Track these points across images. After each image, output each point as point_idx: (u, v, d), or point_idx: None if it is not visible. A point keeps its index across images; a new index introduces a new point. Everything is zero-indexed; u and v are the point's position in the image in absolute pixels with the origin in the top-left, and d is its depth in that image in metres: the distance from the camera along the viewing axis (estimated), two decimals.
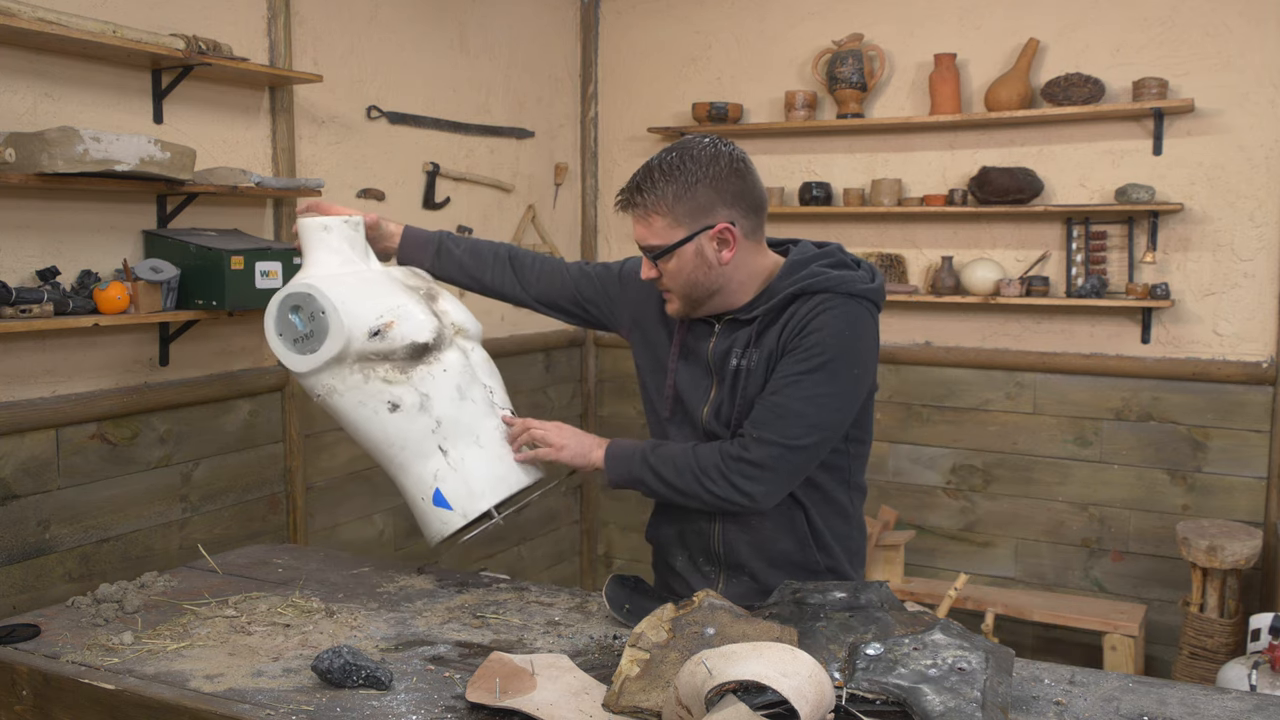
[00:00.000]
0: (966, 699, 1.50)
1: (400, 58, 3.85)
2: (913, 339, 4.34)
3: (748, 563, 2.02)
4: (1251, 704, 1.63)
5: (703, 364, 2.01)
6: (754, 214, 1.93)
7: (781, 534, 2.00)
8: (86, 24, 2.65)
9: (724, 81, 4.61)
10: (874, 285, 1.94)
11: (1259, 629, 3.26)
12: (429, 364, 2.03)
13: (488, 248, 2.29)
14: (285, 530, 3.46)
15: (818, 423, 1.89)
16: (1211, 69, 3.79)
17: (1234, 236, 3.81)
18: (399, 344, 1.99)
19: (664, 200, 1.89)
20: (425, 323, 2.02)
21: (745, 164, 1.92)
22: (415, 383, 2.01)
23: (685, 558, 2.10)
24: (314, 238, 2.11)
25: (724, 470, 1.90)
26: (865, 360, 1.93)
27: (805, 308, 1.90)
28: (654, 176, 1.90)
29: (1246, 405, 3.82)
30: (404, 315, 2.01)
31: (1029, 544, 4.20)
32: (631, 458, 1.99)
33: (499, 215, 4.40)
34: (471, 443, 2.07)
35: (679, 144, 1.93)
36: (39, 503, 2.75)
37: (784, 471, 1.90)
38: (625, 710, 1.56)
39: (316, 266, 2.09)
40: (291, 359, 2.02)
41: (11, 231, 2.68)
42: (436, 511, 2.06)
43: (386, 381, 2.01)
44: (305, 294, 1.99)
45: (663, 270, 1.94)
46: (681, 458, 1.95)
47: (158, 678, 1.74)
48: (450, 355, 2.07)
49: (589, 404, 4.99)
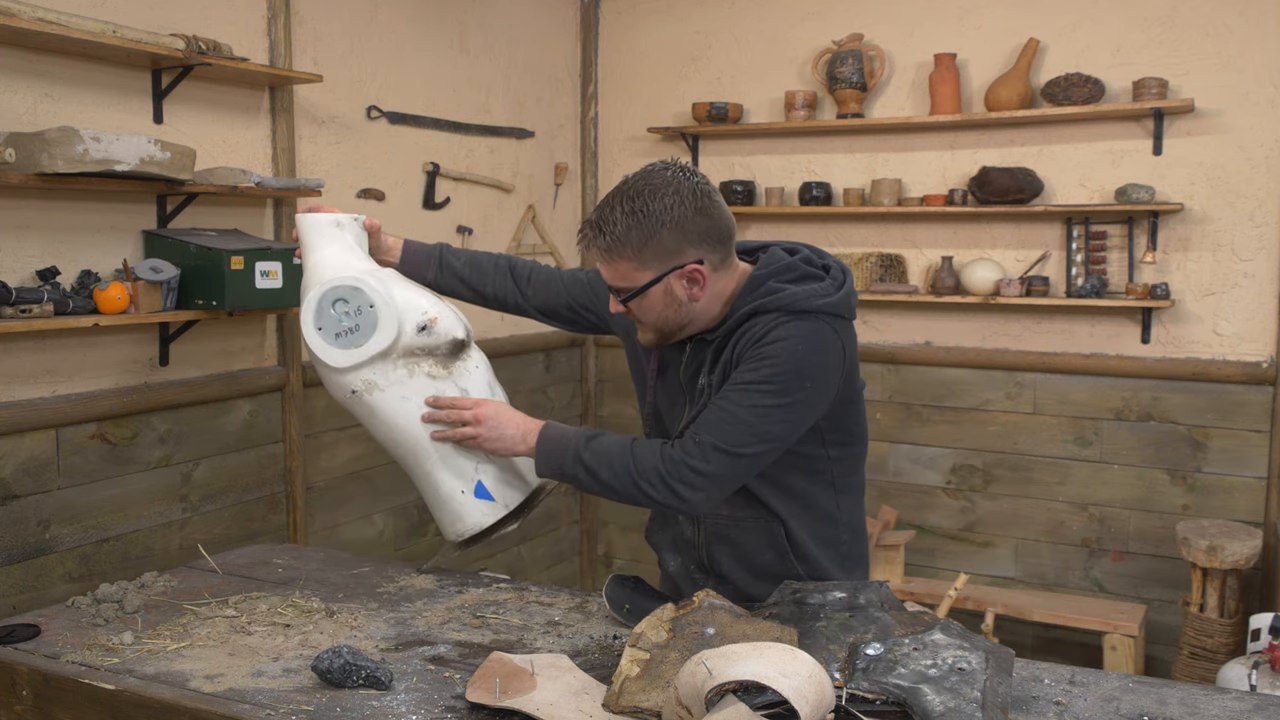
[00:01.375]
0: (966, 699, 1.50)
1: (400, 58, 3.85)
2: (913, 339, 4.34)
3: (730, 573, 2.00)
4: (1251, 704, 1.63)
5: (675, 384, 1.99)
6: (721, 245, 1.87)
7: (762, 546, 1.97)
8: (86, 24, 2.65)
9: (724, 81, 4.61)
10: (835, 298, 1.86)
11: (1259, 629, 3.26)
12: (464, 360, 2.04)
13: (487, 259, 2.27)
14: (285, 530, 3.46)
15: (762, 433, 1.81)
16: (1211, 69, 3.79)
17: (1234, 236, 3.81)
18: (443, 339, 2.00)
19: (628, 245, 1.81)
20: (459, 319, 2.05)
21: (709, 198, 1.84)
22: (456, 377, 2.02)
23: (679, 563, 2.09)
24: (327, 233, 2.07)
25: (663, 474, 1.83)
26: (821, 375, 1.85)
27: (760, 325, 1.84)
28: (615, 219, 1.81)
29: (1246, 405, 3.82)
30: (443, 312, 2.02)
31: (1029, 544, 4.20)
32: (565, 451, 1.90)
33: (499, 215, 4.40)
34: None
35: (640, 179, 1.83)
36: (39, 503, 2.75)
37: (724, 479, 1.84)
38: (625, 710, 1.56)
39: (335, 263, 2.04)
40: (332, 354, 1.98)
41: (11, 231, 2.68)
42: (478, 504, 2.03)
43: (431, 377, 2.00)
44: (354, 287, 1.96)
45: (632, 308, 1.89)
46: (619, 457, 1.86)
47: (158, 678, 1.74)
48: (477, 352, 2.10)
49: (589, 404, 4.99)
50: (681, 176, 1.83)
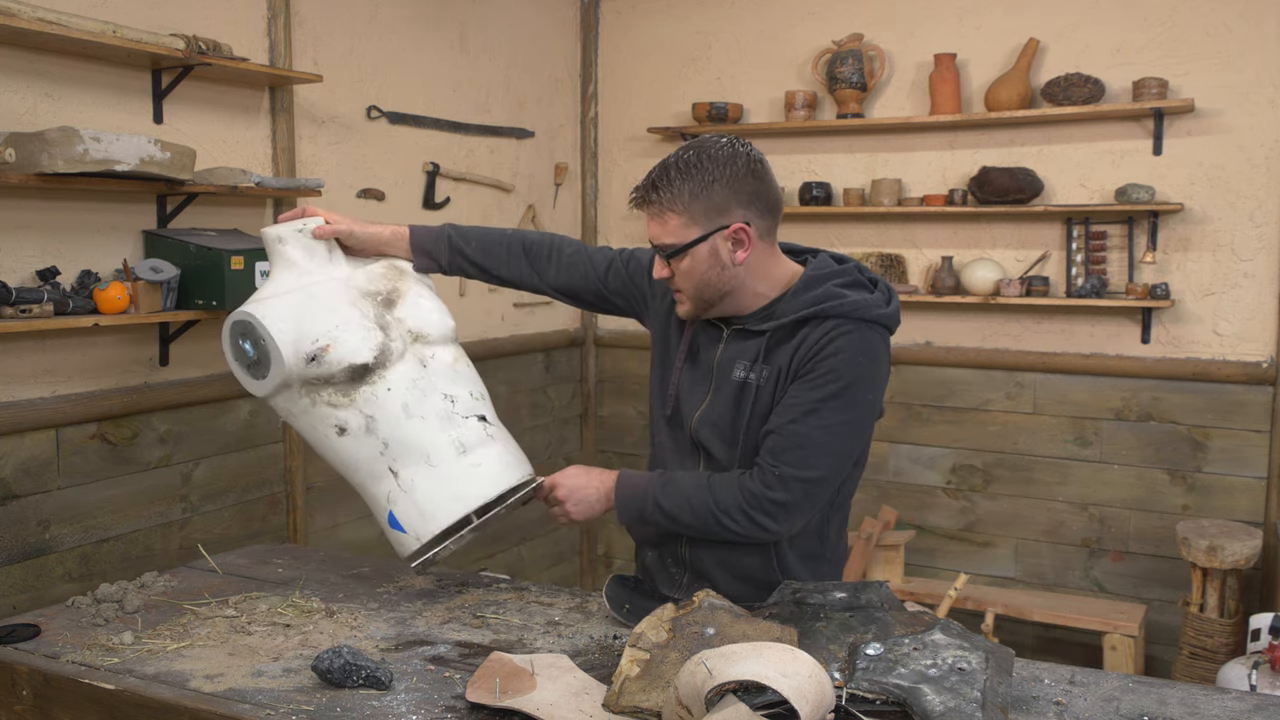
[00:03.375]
0: (966, 699, 1.50)
1: (400, 58, 3.85)
2: (913, 339, 4.34)
3: (711, 571, 2.00)
4: (1251, 704, 1.63)
5: (705, 369, 2.00)
6: (769, 215, 1.92)
7: (747, 551, 1.98)
8: (86, 24, 2.65)
9: (724, 81, 4.61)
10: (889, 310, 1.92)
11: (1259, 629, 3.26)
12: (372, 384, 1.96)
13: (499, 242, 2.21)
14: (285, 530, 3.46)
15: (836, 451, 1.88)
16: (1211, 69, 3.79)
17: (1234, 236, 3.81)
18: (337, 368, 1.94)
19: (680, 199, 1.86)
20: (364, 342, 1.95)
21: (762, 165, 1.92)
22: (360, 405, 1.97)
23: (655, 555, 2.09)
24: (271, 250, 2.07)
25: (746, 510, 1.86)
26: (878, 386, 1.92)
27: (819, 332, 1.87)
28: (670, 174, 1.87)
29: (1246, 405, 3.82)
30: (342, 337, 1.94)
31: (1029, 544, 4.20)
32: (644, 499, 1.94)
33: (499, 215, 4.40)
34: (422, 462, 1.99)
35: (696, 142, 1.91)
36: (39, 503, 2.75)
37: (806, 505, 1.88)
38: (625, 710, 1.56)
39: (271, 283, 2.05)
40: (248, 383, 2.01)
41: (11, 231, 2.68)
42: (393, 534, 2.03)
43: (331, 405, 1.97)
44: (245, 321, 1.96)
45: (675, 270, 1.91)
46: (696, 496, 1.90)
47: (158, 678, 1.74)
48: (397, 371, 1.98)
49: (589, 404, 4.99)
50: (736, 142, 1.91)
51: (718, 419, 1.96)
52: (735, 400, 1.94)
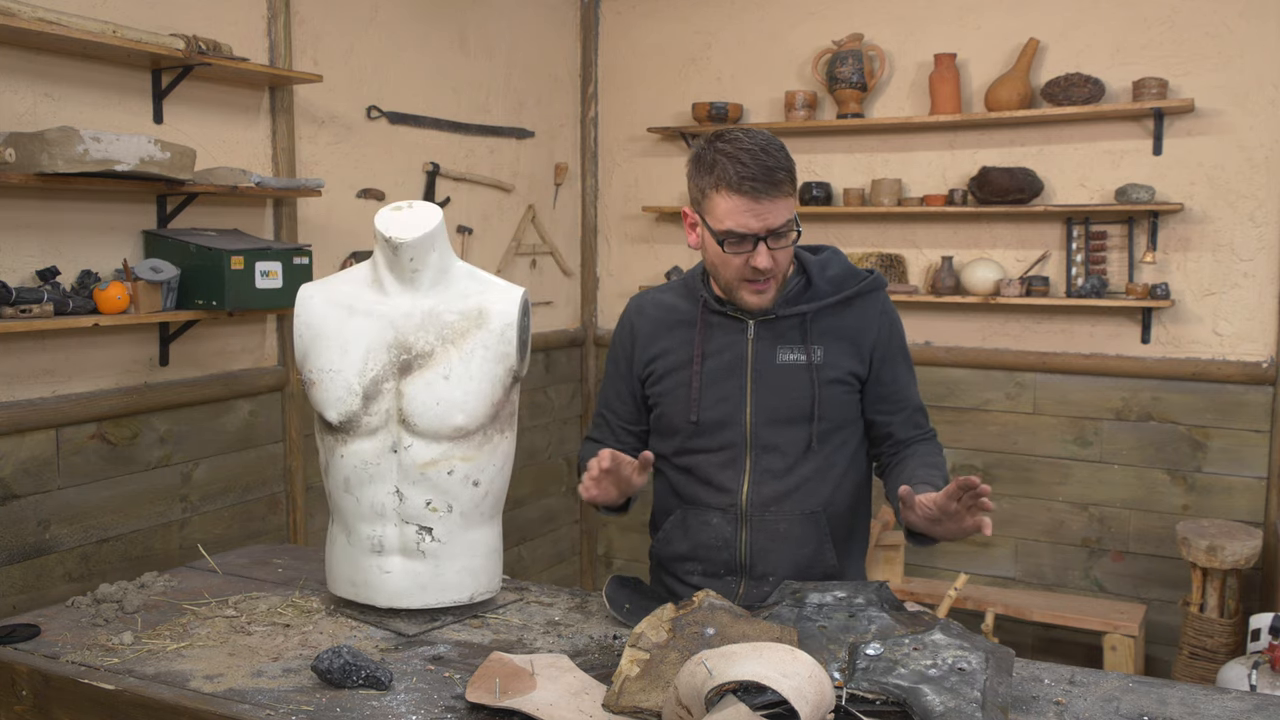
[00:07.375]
0: (966, 699, 1.50)
1: (400, 58, 3.85)
2: (913, 339, 4.32)
3: (775, 569, 2.01)
4: (1251, 704, 1.63)
5: (732, 366, 2.00)
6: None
7: (808, 537, 2.01)
8: (86, 24, 2.65)
9: (724, 81, 4.61)
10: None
11: (1259, 629, 3.26)
12: (337, 438, 1.97)
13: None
14: (285, 530, 3.46)
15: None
16: (1211, 69, 3.79)
17: (1234, 236, 3.81)
18: (316, 409, 1.98)
19: (792, 177, 1.91)
20: (338, 403, 1.93)
21: None
22: (330, 445, 2.00)
23: (700, 571, 2.07)
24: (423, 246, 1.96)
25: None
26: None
27: (875, 307, 2.03)
28: (779, 156, 1.87)
29: (1246, 405, 3.82)
30: (326, 383, 1.94)
31: (1029, 544, 4.20)
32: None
33: (499, 215, 4.40)
34: (341, 531, 2.02)
35: (744, 129, 1.90)
36: (39, 503, 2.75)
37: None
38: (625, 710, 1.56)
39: (351, 274, 2.06)
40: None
41: (11, 231, 2.68)
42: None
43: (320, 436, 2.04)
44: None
45: (777, 253, 1.91)
46: (938, 454, 2.04)
47: (158, 678, 1.74)
48: (360, 445, 1.94)
49: (589, 404, 4.99)
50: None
51: (777, 404, 1.98)
52: (790, 382, 1.98)
